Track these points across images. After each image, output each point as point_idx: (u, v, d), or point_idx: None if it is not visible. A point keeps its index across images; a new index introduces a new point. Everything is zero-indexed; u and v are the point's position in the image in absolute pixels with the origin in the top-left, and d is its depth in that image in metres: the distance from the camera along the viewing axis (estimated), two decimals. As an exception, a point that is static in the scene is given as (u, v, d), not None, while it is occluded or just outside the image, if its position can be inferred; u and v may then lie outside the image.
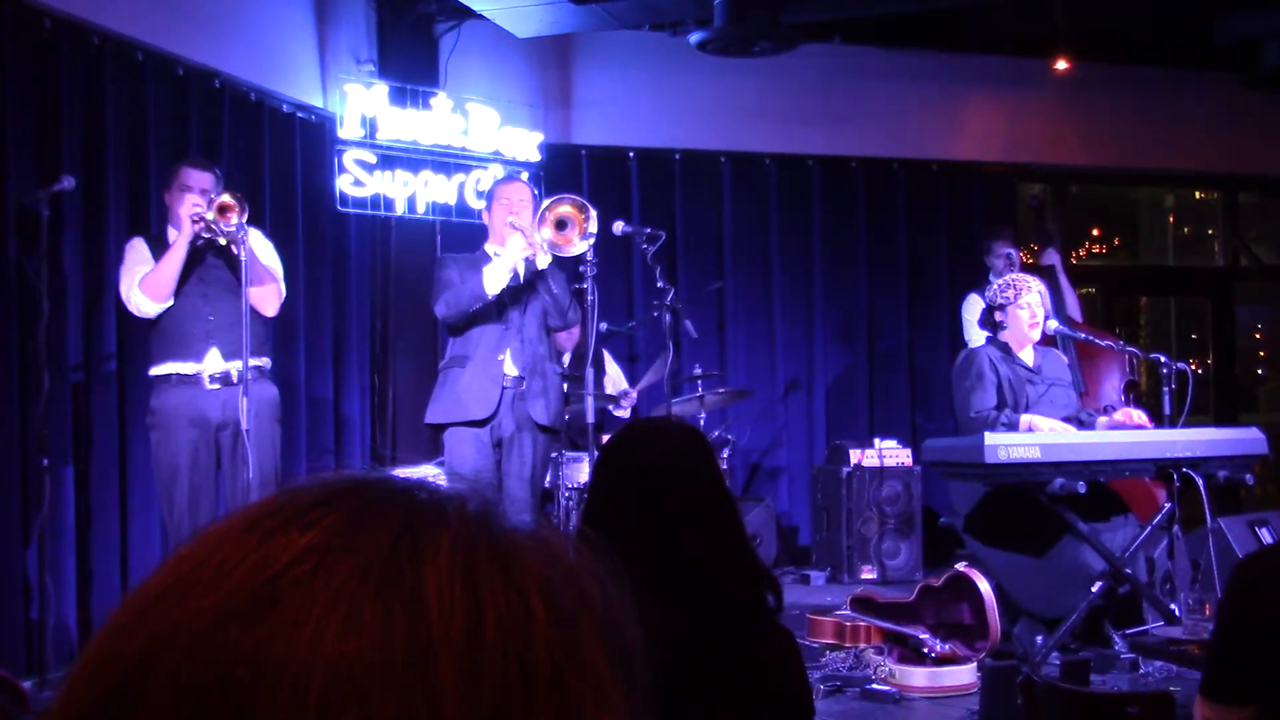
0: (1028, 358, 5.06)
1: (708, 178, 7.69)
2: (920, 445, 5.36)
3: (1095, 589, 4.52)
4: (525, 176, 6.03)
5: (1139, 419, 4.93)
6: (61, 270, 4.65)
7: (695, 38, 6.10)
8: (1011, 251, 6.26)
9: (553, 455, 5.11)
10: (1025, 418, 4.81)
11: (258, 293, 4.48)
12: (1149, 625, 4.61)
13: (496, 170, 6.54)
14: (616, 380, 6.62)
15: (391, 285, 6.62)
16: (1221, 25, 6.84)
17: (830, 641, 4.78)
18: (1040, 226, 7.22)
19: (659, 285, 5.23)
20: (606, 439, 2.37)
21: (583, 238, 4.74)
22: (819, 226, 7.82)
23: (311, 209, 6.14)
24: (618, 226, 5.33)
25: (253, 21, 5.85)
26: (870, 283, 7.87)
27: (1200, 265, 9.88)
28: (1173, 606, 4.42)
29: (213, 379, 4.41)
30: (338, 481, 0.54)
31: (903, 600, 4.74)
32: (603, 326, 6.04)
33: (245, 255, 4.33)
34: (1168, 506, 4.68)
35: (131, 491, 4.98)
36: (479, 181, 6.56)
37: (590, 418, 5.23)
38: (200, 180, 4.44)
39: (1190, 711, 1.99)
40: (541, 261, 4.69)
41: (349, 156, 6.22)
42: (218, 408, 4.41)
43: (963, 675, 4.28)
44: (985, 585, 4.50)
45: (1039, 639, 4.55)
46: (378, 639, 0.47)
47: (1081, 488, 4.41)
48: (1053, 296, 5.58)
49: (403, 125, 6.38)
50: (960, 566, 4.65)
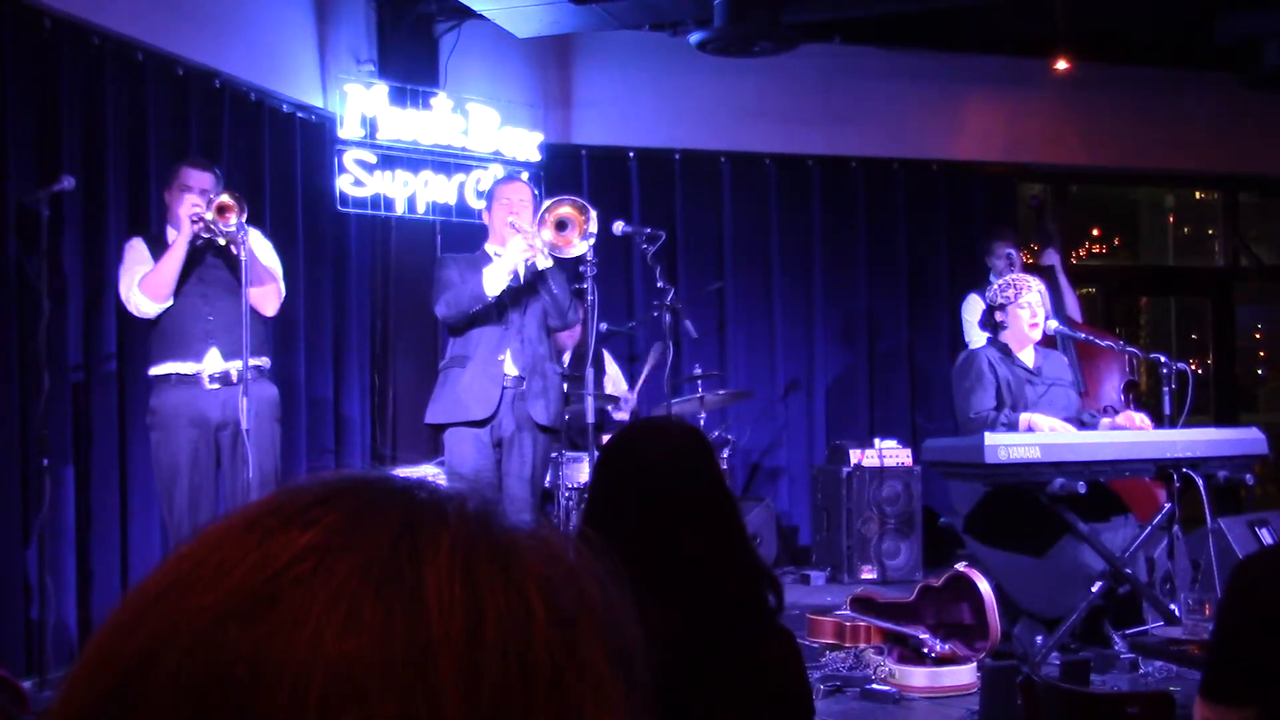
0: (1028, 358, 5.06)
1: (708, 178, 7.69)
2: (920, 445, 5.36)
3: (1095, 589, 4.52)
4: (525, 176, 6.03)
5: (1141, 422, 4.91)
6: (61, 270, 4.65)
7: (695, 38, 6.10)
8: (1012, 251, 6.25)
9: (553, 455, 5.11)
10: (1025, 417, 4.81)
11: (257, 293, 4.48)
12: (1149, 625, 4.60)
13: (497, 170, 6.54)
14: (616, 380, 6.62)
15: (391, 285, 6.62)
16: (1221, 25, 6.84)
17: (830, 641, 4.78)
18: (1040, 226, 7.22)
19: (659, 285, 5.23)
20: (607, 439, 2.36)
21: (583, 238, 4.74)
22: (819, 226, 7.82)
23: (311, 209, 6.14)
24: (618, 226, 5.33)
25: (253, 21, 5.85)
26: (870, 283, 7.86)
27: (1200, 265, 9.88)
28: (1173, 607, 4.42)
29: (212, 379, 4.41)
30: (338, 481, 0.54)
31: (903, 600, 4.74)
32: (603, 326, 6.04)
33: (245, 255, 4.33)
34: (1168, 506, 4.68)
35: (131, 491, 4.98)
36: (479, 181, 6.55)
37: (590, 418, 5.23)
38: (200, 180, 4.44)
39: (1190, 712, 1.99)
40: (542, 263, 4.69)
41: (349, 156, 6.22)
42: (217, 407, 4.41)
43: (963, 675, 4.28)
44: (985, 585, 4.50)
45: (1039, 639, 4.55)
46: (378, 638, 0.47)
47: (1081, 488, 4.41)
48: (1052, 297, 5.58)
49: (403, 125, 6.38)
50: (960, 566, 4.65)
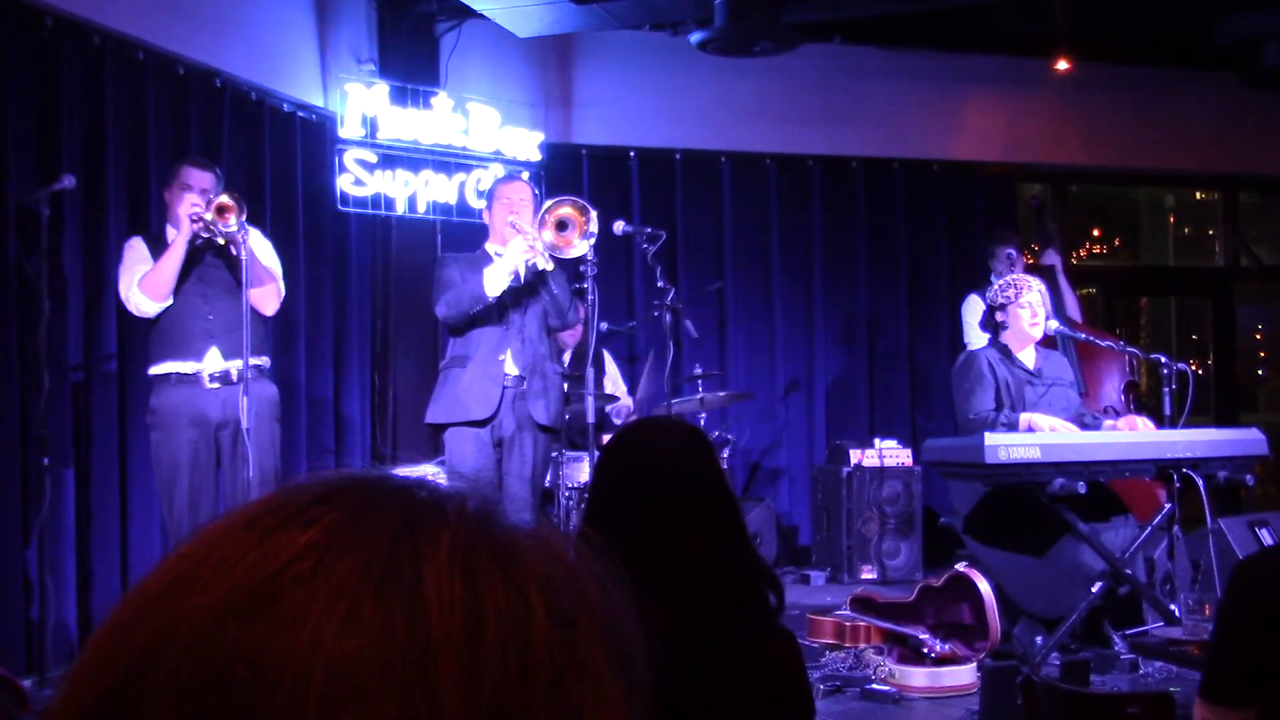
0: (1029, 358, 5.05)
1: (708, 178, 7.69)
2: (920, 445, 5.36)
3: (1095, 589, 4.52)
4: (526, 176, 6.02)
5: (1143, 426, 4.90)
6: (61, 270, 4.65)
7: (695, 38, 6.10)
8: (1012, 252, 6.25)
9: (553, 455, 5.11)
10: (1025, 417, 4.81)
11: (257, 293, 4.48)
12: (1149, 626, 4.60)
13: (497, 170, 6.53)
14: (616, 381, 6.62)
15: (392, 285, 6.62)
16: (1221, 25, 6.83)
17: (830, 641, 4.77)
18: (1040, 226, 7.22)
19: (659, 285, 5.23)
20: (607, 439, 2.36)
21: (583, 238, 4.74)
22: (819, 226, 7.82)
23: (312, 208, 6.14)
24: (618, 226, 5.33)
25: (253, 21, 5.85)
26: (870, 283, 7.86)
27: (1200, 265, 9.88)
28: (1173, 607, 4.42)
29: (212, 378, 4.41)
30: (338, 479, 0.54)
31: (903, 600, 4.74)
32: (603, 326, 6.04)
33: (245, 255, 4.33)
34: (1168, 507, 4.67)
35: (131, 491, 4.98)
36: (479, 181, 6.55)
37: (590, 418, 5.23)
38: (200, 179, 4.44)
39: (1190, 712, 1.98)
40: (543, 265, 4.68)
41: (349, 156, 6.22)
42: (217, 407, 4.41)
43: (963, 675, 4.28)
44: (985, 585, 4.50)
45: (1039, 639, 4.55)
46: (377, 637, 0.47)
47: (1081, 488, 4.41)
48: (1053, 297, 5.58)
49: (403, 125, 6.38)
50: (960, 566, 4.65)
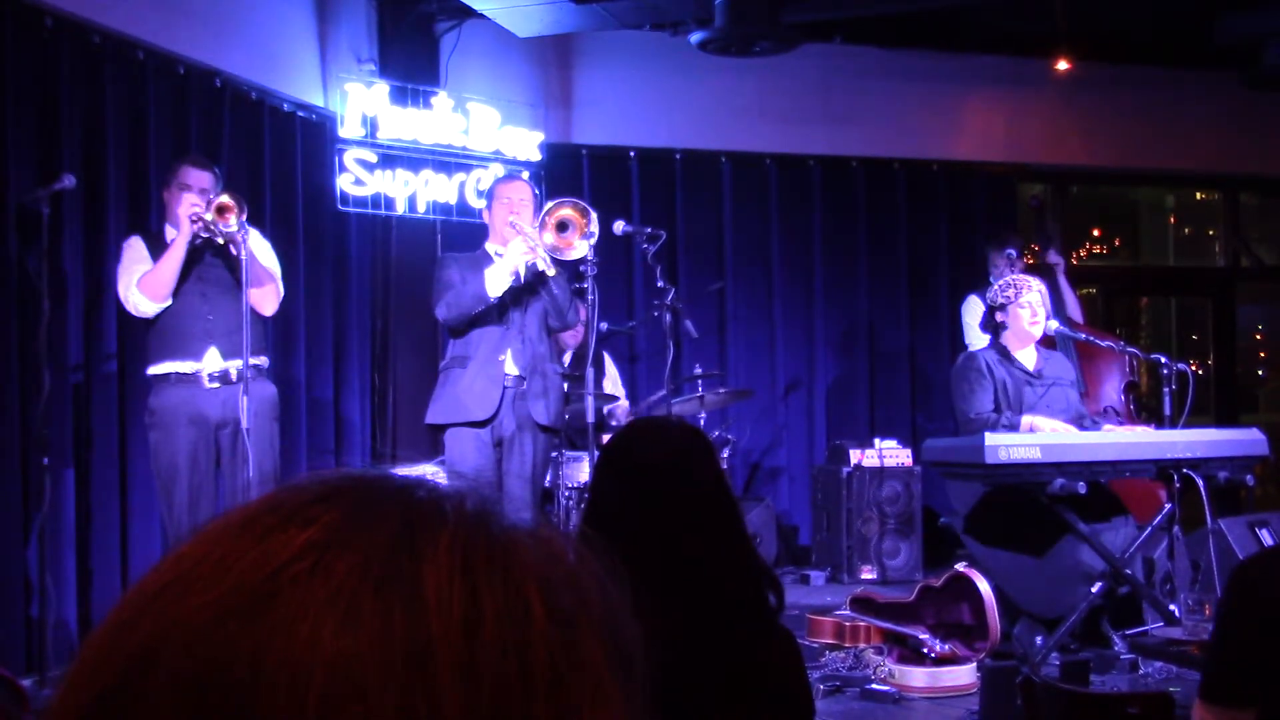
0: (1029, 358, 5.05)
1: (708, 178, 7.69)
2: (920, 445, 5.36)
3: (1095, 589, 4.52)
4: (526, 175, 6.02)
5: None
6: (62, 270, 4.65)
7: (696, 37, 6.09)
8: (1013, 252, 6.25)
9: (553, 455, 5.11)
10: (1026, 418, 4.81)
11: (256, 293, 4.48)
12: (1149, 626, 4.60)
13: (497, 169, 6.53)
14: (615, 382, 6.62)
15: (392, 285, 6.62)
16: (1221, 25, 6.83)
17: (830, 641, 4.77)
18: (1040, 227, 7.21)
19: (659, 285, 5.23)
20: (607, 439, 2.36)
21: (583, 239, 4.74)
22: (819, 226, 7.81)
23: (312, 208, 6.13)
24: (618, 226, 5.32)
25: (253, 21, 5.85)
26: (870, 283, 7.86)
27: (1201, 266, 9.88)
28: (1172, 607, 4.42)
29: (212, 378, 4.41)
30: (337, 479, 0.54)
31: (903, 600, 4.74)
32: (603, 326, 6.03)
33: (245, 255, 4.33)
34: (1168, 507, 4.67)
35: (131, 491, 4.97)
36: (480, 181, 6.55)
37: (590, 418, 5.23)
38: (200, 179, 4.44)
39: (1190, 712, 1.98)
40: (543, 267, 4.67)
41: (349, 156, 6.22)
42: (217, 407, 4.41)
43: (962, 675, 4.28)
44: (985, 585, 4.50)
45: (1039, 639, 4.55)
46: (377, 636, 0.47)
47: (1081, 488, 4.41)
48: (1053, 297, 5.58)
49: (403, 124, 6.38)
50: (960, 566, 4.65)
